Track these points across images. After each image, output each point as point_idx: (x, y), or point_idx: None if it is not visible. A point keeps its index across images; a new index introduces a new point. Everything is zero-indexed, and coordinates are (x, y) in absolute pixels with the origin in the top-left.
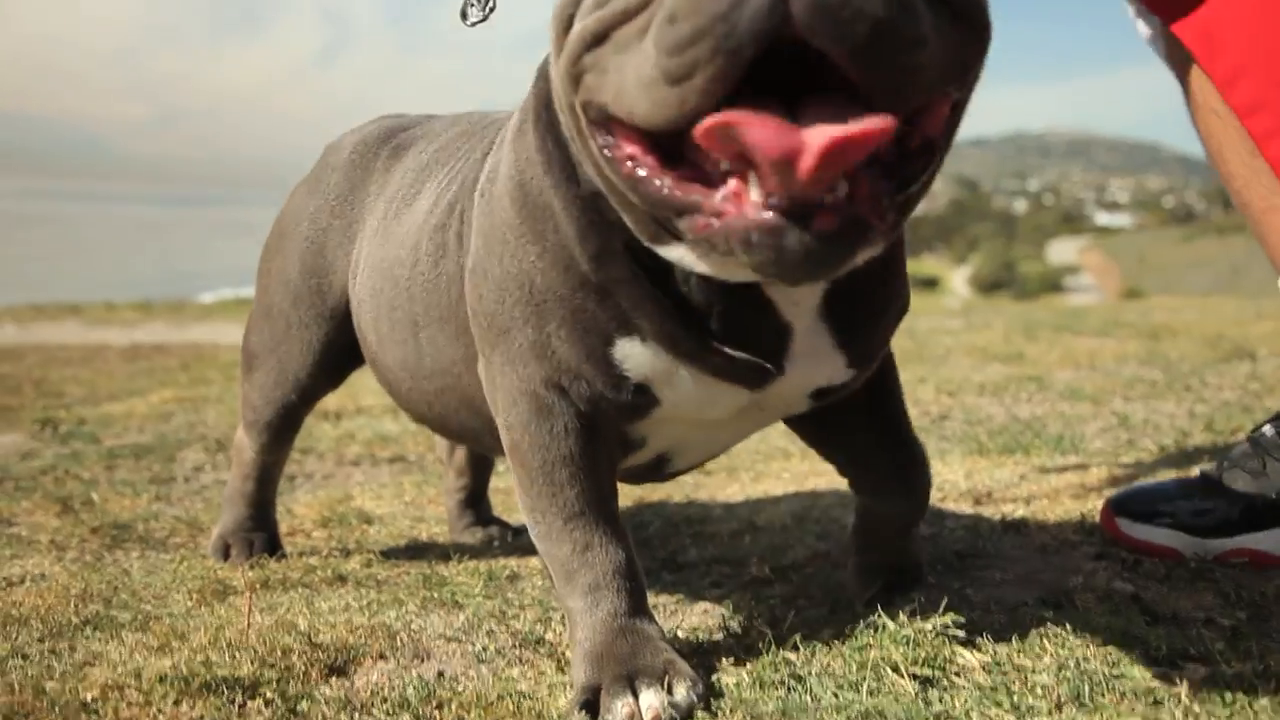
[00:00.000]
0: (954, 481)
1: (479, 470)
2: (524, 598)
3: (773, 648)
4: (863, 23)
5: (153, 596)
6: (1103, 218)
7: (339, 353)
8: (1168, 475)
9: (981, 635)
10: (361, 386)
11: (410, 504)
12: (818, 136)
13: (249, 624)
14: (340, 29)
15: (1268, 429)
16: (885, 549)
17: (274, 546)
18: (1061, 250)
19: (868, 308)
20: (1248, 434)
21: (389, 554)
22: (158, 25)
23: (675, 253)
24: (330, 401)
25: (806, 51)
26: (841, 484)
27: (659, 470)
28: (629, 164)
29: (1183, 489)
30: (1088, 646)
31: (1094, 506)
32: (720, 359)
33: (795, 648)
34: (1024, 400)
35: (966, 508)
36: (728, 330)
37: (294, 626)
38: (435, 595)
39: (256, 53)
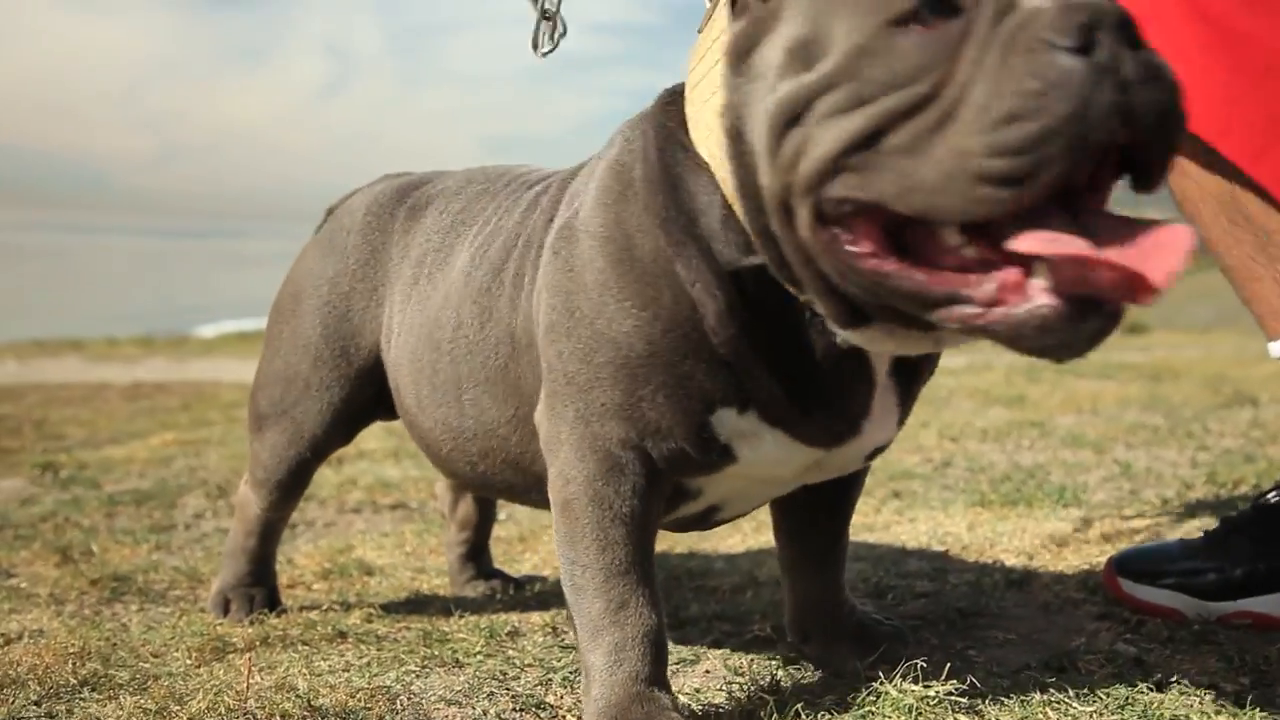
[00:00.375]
0: (957, 534)
1: (481, 523)
2: (525, 656)
3: (774, 715)
4: (1180, 124)
5: (151, 654)
6: None
7: (359, 411)
8: (1170, 528)
9: (984, 701)
10: (364, 431)
11: (411, 554)
12: (1168, 267)
13: (248, 686)
14: (343, 63)
15: (1272, 495)
16: (835, 620)
17: (274, 602)
18: None
19: (916, 369)
20: (1253, 499)
21: (389, 608)
22: (159, 60)
23: (864, 335)
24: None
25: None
26: None
27: (706, 520)
28: (873, 260)
29: (1185, 550)
30: (1090, 714)
31: (1097, 562)
32: (814, 423)
33: (796, 715)
34: (1026, 447)
35: (970, 561)
36: (828, 396)
37: (293, 689)
38: (436, 653)
39: (259, 87)
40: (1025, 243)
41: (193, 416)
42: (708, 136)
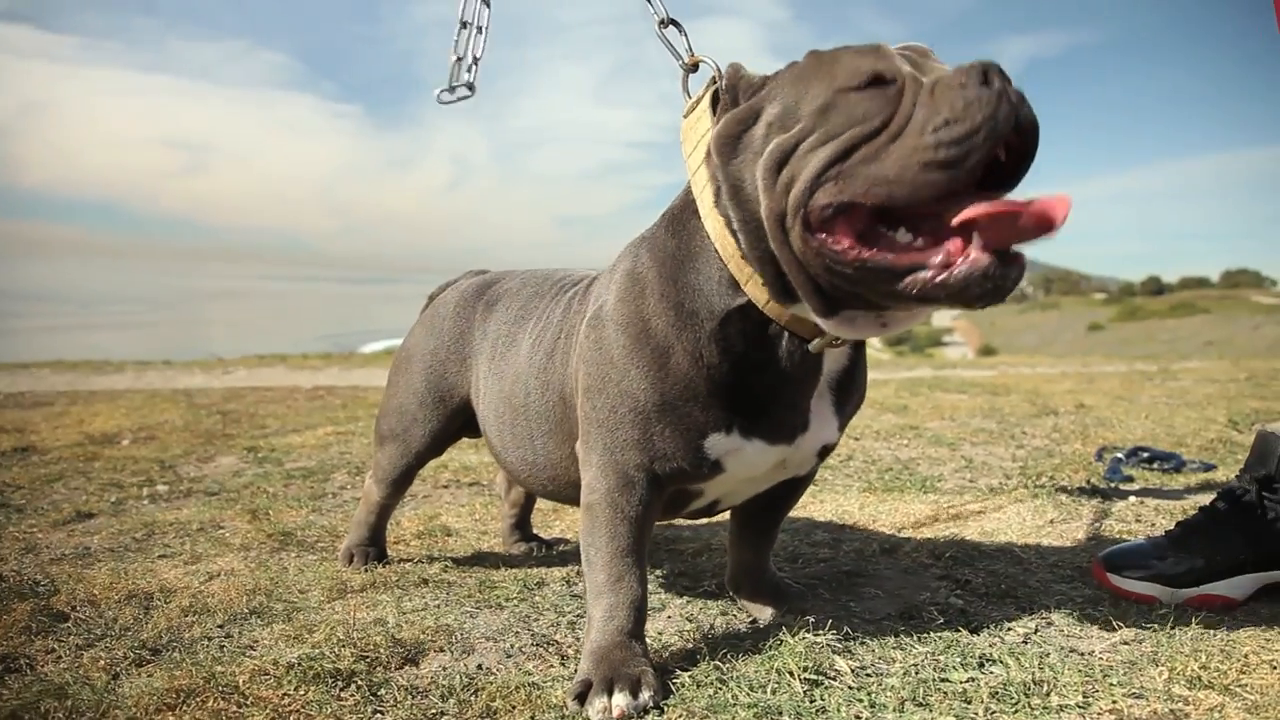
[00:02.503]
0: (850, 512)
1: (526, 503)
2: (545, 603)
3: (706, 654)
4: (1037, 131)
5: (299, 591)
6: None
7: (449, 436)
8: (995, 507)
9: (854, 644)
10: None
11: (479, 520)
12: (1057, 207)
13: (353, 620)
14: (462, 167)
15: (1220, 504)
16: (759, 581)
17: (383, 556)
18: (941, 318)
19: (849, 386)
20: (1203, 507)
21: (459, 561)
22: (343, 166)
23: (833, 324)
24: None
25: None
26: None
27: (711, 511)
28: (852, 252)
29: (1155, 546)
30: (925, 654)
31: (942, 535)
32: (780, 426)
33: (723, 655)
34: (904, 445)
35: (857, 534)
36: (789, 400)
37: (384, 624)
38: (485, 598)
39: (406, 184)
40: (966, 213)
41: (348, 414)
42: (708, 216)
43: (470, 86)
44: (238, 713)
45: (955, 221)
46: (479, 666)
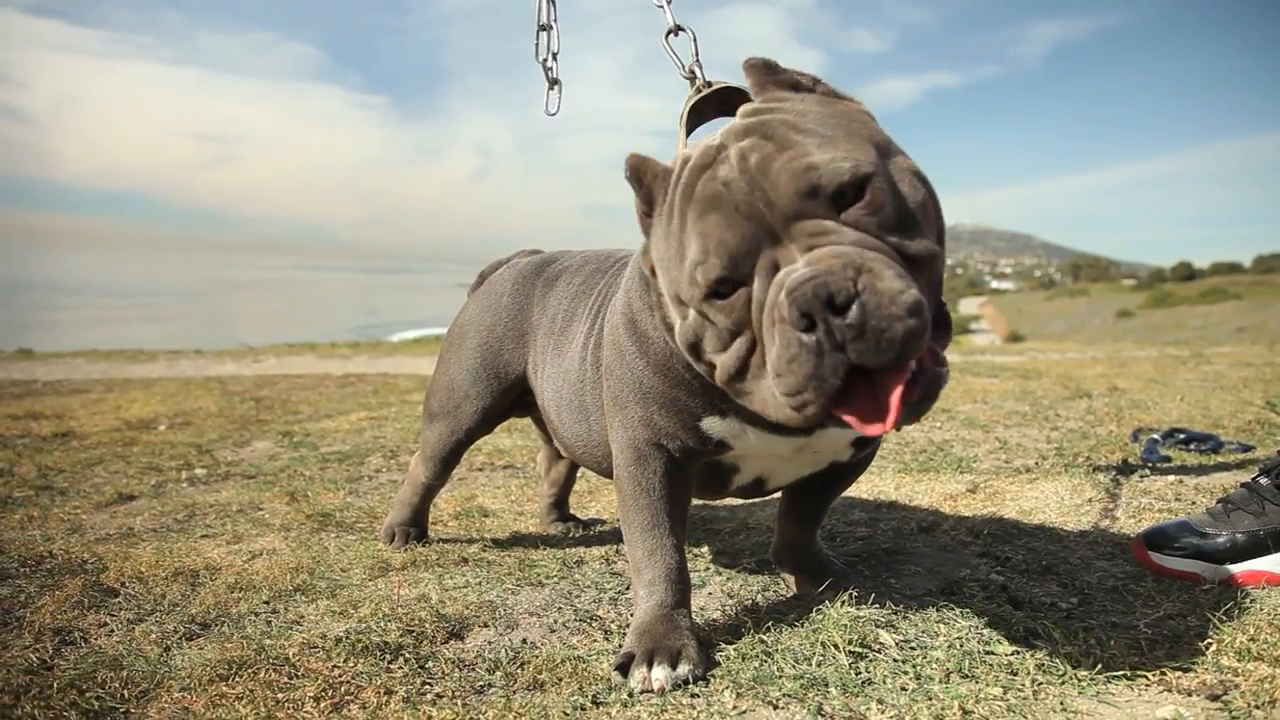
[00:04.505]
0: (886, 492)
1: (566, 483)
2: (586, 580)
3: (751, 628)
4: (895, 344)
5: (340, 570)
6: (995, 284)
7: (500, 414)
8: (1032, 485)
9: (896, 618)
10: None
11: (514, 501)
12: (889, 420)
13: (398, 597)
14: (487, 157)
15: (1263, 479)
16: (802, 557)
17: (423, 536)
18: (968, 305)
19: None
20: (1244, 482)
21: (498, 541)
22: (369, 157)
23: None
24: None
25: None
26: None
27: (760, 489)
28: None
29: (1197, 525)
30: (969, 628)
31: (979, 513)
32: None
33: (768, 629)
34: (937, 428)
35: (894, 513)
36: None
37: (428, 600)
38: (526, 576)
39: (432, 174)
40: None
41: (379, 399)
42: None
43: (556, 81)
44: (289, 684)
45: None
46: (524, 641)
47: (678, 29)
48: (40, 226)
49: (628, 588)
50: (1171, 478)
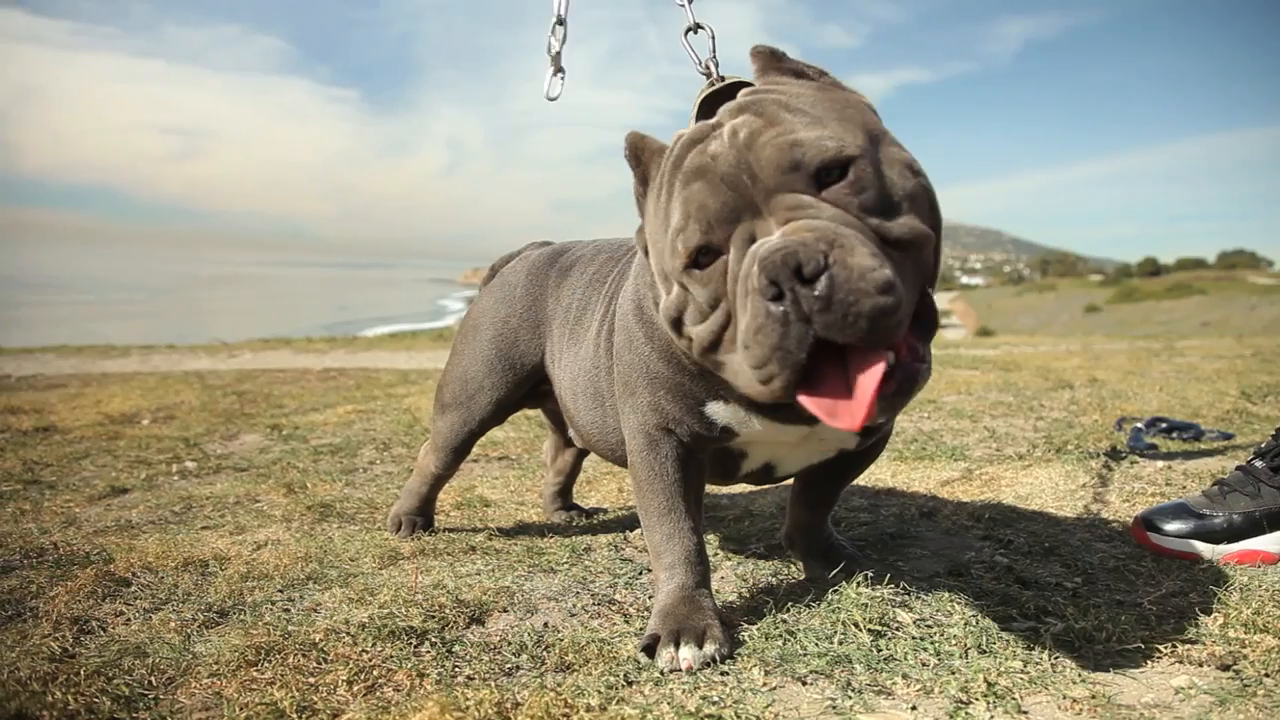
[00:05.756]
0: (884, 479)
1: (571, 471)
2: (598, 566)
3: (772, 610)
4: (861, 319)
5: (349, 559)
6: (965, 279)
7: (513, 404)
8: (1026, 472)
9: (910, 598)
10: None
11: (514, 492)
12: (860, 417)
13: (416, 583)
14: (458, 152)
15: (1258, 462)
16: (814, 541)
17: (429, 526)
18: (939, 300)
19: None
20: (1239, 465)
21: (503, 530)
22: (339, 151)
23: None
24: None
25: None
26: None
27: (770, 475)
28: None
29: (1194, 506)
30: (983, 606)
31: (978, 499)
32: (784, 410)
33: (787, 610)
34: (926, 418)
35: (894, 500)
36: None
37: (445, 587)
38: (536, 563)
39: (403, 169)
40: (800, 395)
41: (364, 393)
42: None
43: (561, 69)
44: (319, 668)
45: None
46: (545, 625)
47: (697, 26)
48: (3, 221)
49: (640, 573)
50: (1160, 464)
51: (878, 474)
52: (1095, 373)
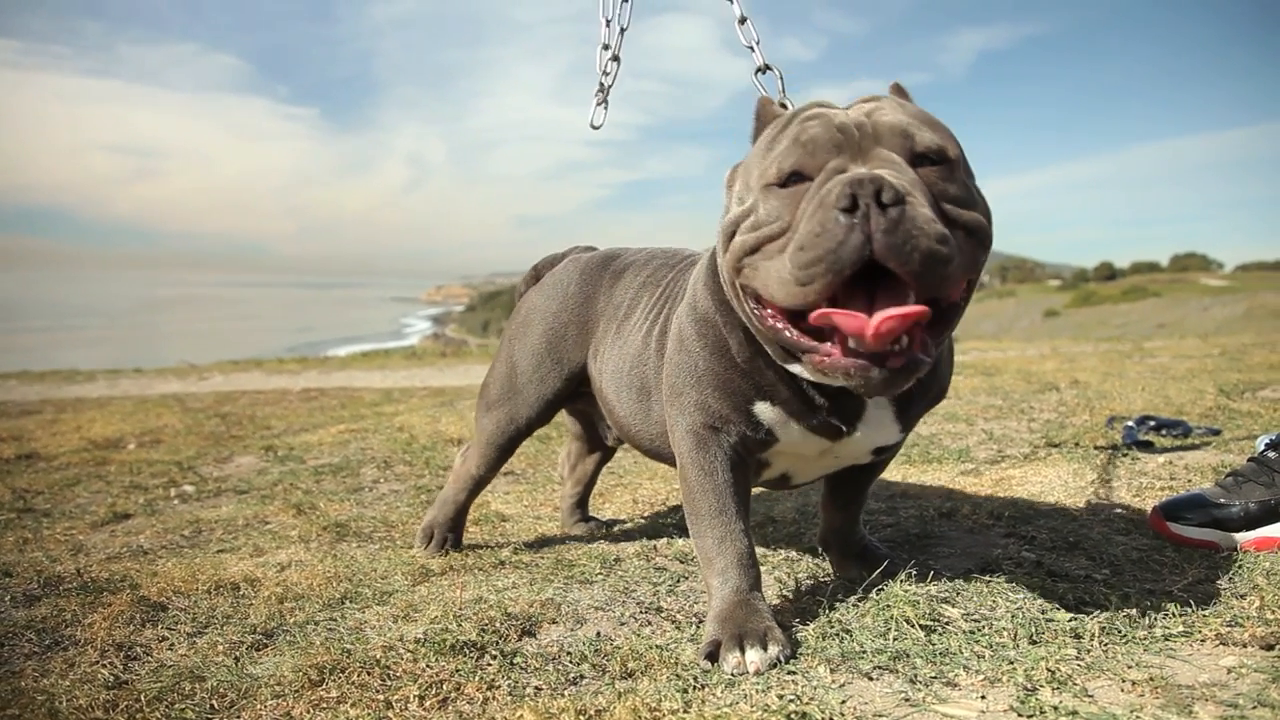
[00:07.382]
0: (895, 482)
1: (590, 482)
2: (633, 576)
3: (825, 610)
4: (917, 253)
5: (379, 577)
6: None
7: (560, 401)
8: (1031, 470)
9: (954, 594)
10: None
11: (528, 506)
12: (876, 321)
13: (460, 597)
14: (419, 169)
15: (1271, 453)
16: (847, 542)
17: (458, 543)
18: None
19: (918, 391)
20: (1251, 457)
21: (527, 544)
22: (300, 170)
23: (795, 367)
24: (457, 431)
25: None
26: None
27: (786, 483)
28: (770, 321)
29: (1210, 496)
30: (1023, 599)
31: (994, 497)
32: (816, 420)
33: (836, 609)
34: (923, 422)
35: (910, 502)
36: (825, 403)
37: (488, 601)
38: (570, 575)
39: (364, 186)
40: (815, 315)
41: (350, 413)
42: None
43: (606, 101)
44: (385, 685)
45: (812, 319)
46: (598, 634)
47: (766, 68)
48: None
49: (679, 580)
50: (1161, 459)
51: (889, 477)
52: (1075, 375)
